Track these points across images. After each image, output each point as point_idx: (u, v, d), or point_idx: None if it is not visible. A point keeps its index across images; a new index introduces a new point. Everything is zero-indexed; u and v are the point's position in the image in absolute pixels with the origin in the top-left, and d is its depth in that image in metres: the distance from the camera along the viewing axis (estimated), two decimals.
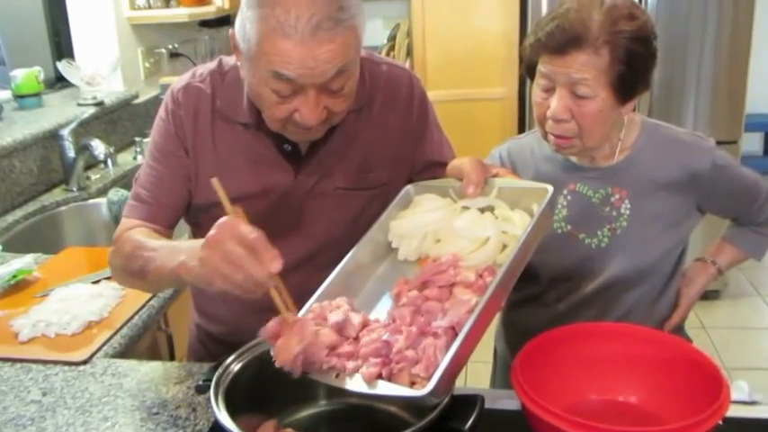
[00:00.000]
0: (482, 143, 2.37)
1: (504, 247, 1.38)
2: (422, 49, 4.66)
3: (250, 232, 1.20)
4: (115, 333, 1.89)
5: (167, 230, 1.67)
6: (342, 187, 1.68)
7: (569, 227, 1.85)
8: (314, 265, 1.60)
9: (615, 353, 1.49)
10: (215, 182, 1.30)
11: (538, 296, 1.93)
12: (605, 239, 1.82)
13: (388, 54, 4.73)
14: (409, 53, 4.79)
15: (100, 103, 3.43)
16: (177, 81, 1.70)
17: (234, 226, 1.22)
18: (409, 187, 1.58)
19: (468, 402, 1.22)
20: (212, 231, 1.23)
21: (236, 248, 1.19)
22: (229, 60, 1.68)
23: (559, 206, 1.85)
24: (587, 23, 1.62)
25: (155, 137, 1.70)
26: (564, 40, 1.62)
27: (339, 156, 1.67)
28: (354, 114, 1.63)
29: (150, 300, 2.06)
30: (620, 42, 1.62)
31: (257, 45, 1.38)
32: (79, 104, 3.42)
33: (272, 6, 1.34)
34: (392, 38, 4.91)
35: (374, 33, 4.96)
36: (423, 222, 1.46)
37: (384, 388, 1.17)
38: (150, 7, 3.88)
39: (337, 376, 1.22)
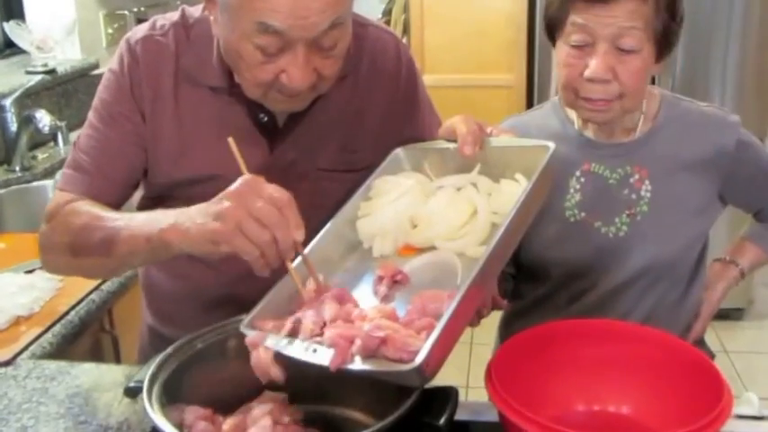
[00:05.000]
0: None
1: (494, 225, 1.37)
2: (420, 28, 4.64)
3: (280, 191, 1.22)
4: (45, 331, 1.85)
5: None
6: (323, 168, 1.64)
7: (583, 214, 1.83)
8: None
9: (605, 354, 1.47)
10: (231, 142, 1.30)
11: (547, 298, 1.91)
12: (624, 227, 1.81)
13: None
14: (405, 31, 4.74)
15: (51, 71, 3.37)
16: (134, 31, 1.63)
17: (261, 183, 1.23)
18: (398, 151, 1.56)
19: (441, 395, 1.20)
20: (235, 185, 1.23)
21: (267, 205, 1.20)
22: (194, 12, 1.62)
23: (571, 190, 1.84)
24: None
25: (102, 94, 1.61)
26: None
27: (321, 131, 1.62)
28: (338, 83, 1.58)
29: (90, 293, 2.02)
30: None
31: None
32: (27, 72, 3.38)
33: None
34: (387, 12, 4.89)
35: (367, 7, 4.88)
36: (392, 213, 1.44)
37: (367, 364, 1.15)
38: None
39: (315, 351, 1.19)
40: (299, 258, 1.30)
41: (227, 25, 1.39)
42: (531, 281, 1.93)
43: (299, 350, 1.19)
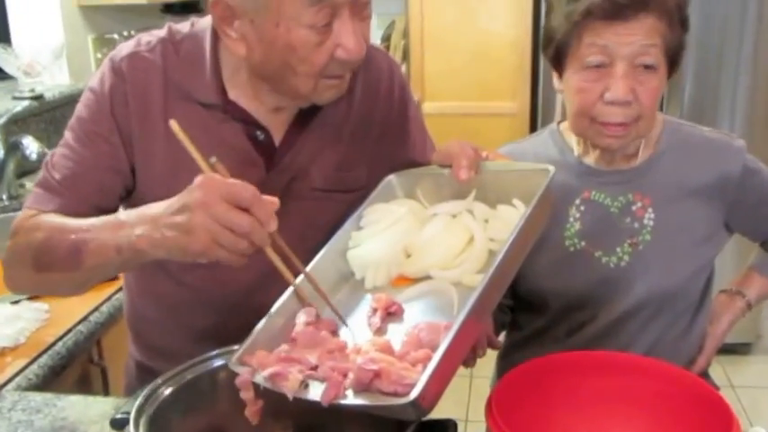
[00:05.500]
0: None
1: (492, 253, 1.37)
2: (420, 54, 4.63)
3: (243, 189, 1.20)
4: (32, 362, 1.83)
5: None
6: (318, 188, 1.63)
7: (583, 243, 1.83)
8: (283, 284, 1.48)
9: (608, 387, 1.46)
10: (174, 125, 1.27)
11: (546, 329, 1.90)
12: (626, 257, 1.80)
13: None
14: (405, 57, 4.74)
15: (38, 97, 3.36)
16: (118, 49, 1.60)
17: (220, 183, 1.21)
18: (391, 177, 1.56)
19: (439, 428, 1.21)
20: (195, 193, 1.21)
21: (235, 213, 1.19)
22: (181, 28, 1.60)
23: (571, 219, 1.84)
24: None
25: (80, 112, 1.57)
26: (632, 3, 1.61)
27: (317, 150, 1.62)
28: (334, 102, 1.57)
29: (78, 324, 2.00)
30: (677, 3, 1.66)
31: None
32: (15, 98, 3.36)
33: None
34: (386, 38, 4.89)
35: None
36: (384, 243, 1.43)
37: (361, 398, 1.15)
38: None
39: (306, 386, 1.20)
40: (290, 289, 1.32)
41: (265, 26, 1.38)
42: (530, 312, 1.92)
43: (291, 385, 1.19)
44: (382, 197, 1.53)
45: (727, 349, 2.96)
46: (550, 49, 1.73)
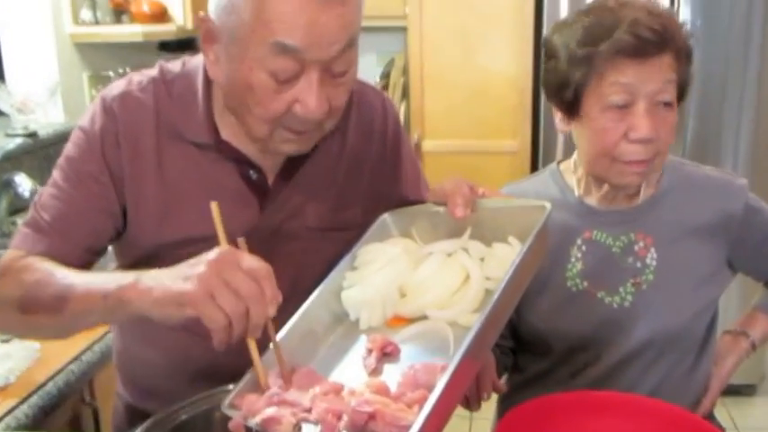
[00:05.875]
0: None
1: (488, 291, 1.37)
2: (419, 92, 4.62)
3: (260, 262, 1.20)
4: (22, 402, 1.83)
5: None
6: (313, 227, 1.63)
7: (586, 283, 1.83)
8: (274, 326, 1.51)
9: (612, 428, 1.47)
10: (214, 207, 1.27)
11: (549, 372, 1.90)
12: (629, 297, 1.81)
13: None
14: (405, 95, 4.75)
15: (32, 135, 3.36)
16: (109, 88, 1.60)
17: (240, 253, 1.22)
18: (385, 216, 1.57)
19: None
20: (213, 254, 1.21)
21: (245, 276, 1.18)
22: (172, 68, 1.61)
23: (572, 259, 1.84)
24: (667, 19, 1.66)
25: (70, 151, 1.58)
26: (656, 40, 1.64)
27: (311, 189, 1.62)
28: (327, 140, 1.59)
29: (70, 363, 2.00)
30: (687, 40, 1.69)
31: (252, 12, 1.32)
32: (7, 135, 3.35)
33: None
34: (385, 75, 4.87)
35: (366, 69, 4.89)
36: (379, 283, 1.43)
37: None
38: (98, 23, 3.80)
39: (300, 430, 1.19)
40: (271, 347, 1.30)
41: (234, 57, 1.38)
42: (532, 354, 1.92)
43: (285, 429, 1.19)
44: (377, 236, 1.53)
45: (732, 391, 2.96)
46: (567, 92, 1.72)
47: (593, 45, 1.66)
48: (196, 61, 1.58)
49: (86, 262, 1.55)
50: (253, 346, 1.23)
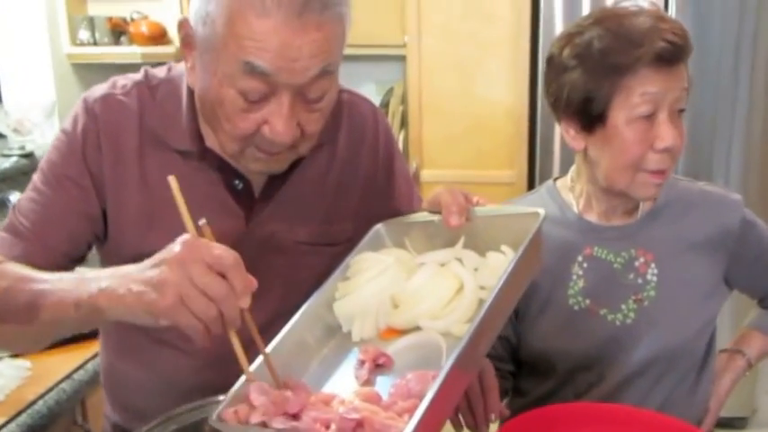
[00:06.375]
0: None
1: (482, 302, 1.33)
2: (418, 121, 4.61)
3: (226, 251, 1.14)
4: (10, 420, 1.81)
5: None
6: (302, 241, 1.60)
7: (588, 301, 1.82)
8: (272, 334, 1.43)
9: None
10: (172, 181, 1.20)
11: (552, 394, 1.87)
12: (631, 314, 1.79)
13: None
14: (403, 124, 4.75)
15: (28, 155, 3.35)
16: (92, 90, 1.57)
17: (203, 244, 1.15)
18: (379, 226, 1.54)
19: None
20: (175, 249, 1.15)
21: (212, 276, 1.12)
22: (157, 73, 1.58)
23: (574, 277, 1.83)
24: (681, 25, 1.65)
25: (51, 155, 1.54)
26: (681, 48, 1.63)
27: (299, 202, 1.59)
28: (317, 152, 1.56)
29: (61, 382, 1.98)
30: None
31: (225, 26, 1.29)
32: (3, 155, 3.34)
33: None
34: (385, 104, 4.88)
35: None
36: (371, 293, 1.41)
37: None
38: (96, 43, 3.82)
39: None
40: (260, 358, 1.26)
41: (207, 68, 1.35)
42: (534, 376, 1.91)
43: None
44: (370, 246, 1.51)
45: (723, 423, 2.93)
46: (593, 105, 1.67)
47: (622, 55, 1.63)
48: (182, 67, 1.53)
49: (63, 267, 1.48)
50: (234, 338, 1.18)
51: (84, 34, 3.79)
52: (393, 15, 4.59)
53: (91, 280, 1.24)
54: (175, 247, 1.16)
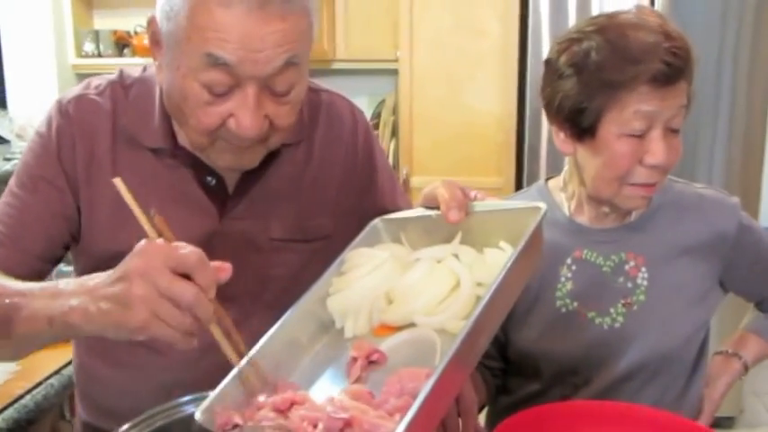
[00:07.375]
0: None
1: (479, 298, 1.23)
2: (408, 130, 4.63)
3: (187, 254, 1.07)
4: None
5: None
6: (277, 238, 1.53)
7: (576, 304, 1.73)
8: (251, 331, 1.33)
9: None
10: (119, 182, 1.13)
11: (537, 395, 1.78)
12: (620, 318, 1.71)
13: None
14: (394, 133, 4.74)
15: None
16: (66, 92, 1.53)
17: (164, 249, 1.08)
18: (376, 222, 1.45)
19: None
20: (135, 260, 1.08)
21: (178, 283, 1.05)
22: (132, 72, 1.53)
23: (562, 279, 1.74)
24: (684, 41, 1.57)
25: (26, 157, 1.49)
26: (679, 69, 1.55)
27: (274, 198, 1.53)
28: (293, 149, 1.51)
29: (50, 377, 1.92)
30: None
31: (187, 18, 1.23)
32: (5, 159, 3.31)
33: None
34: (376, 115, 4.91)
35: None
36: (365, 288, 1.32)
37: None
38: (100, 55, 3.88)
39: None
40: (245, 360, 1.17)
41: (172, 64, 1.30)
42: (521, 376, 1.82)
43: None
44: (366, 241, 1.42)
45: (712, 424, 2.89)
46: (584, 117, 1.59)
47: (617, 72, 1.54)
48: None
49: (39, 271, 1.45)
50: (215, 329, 1.11)
51: (89, 46, 3.87)
52: (386, 31, 4.64)
53: (62, 295, 1.17)
54: (134, 257, 1.08)
